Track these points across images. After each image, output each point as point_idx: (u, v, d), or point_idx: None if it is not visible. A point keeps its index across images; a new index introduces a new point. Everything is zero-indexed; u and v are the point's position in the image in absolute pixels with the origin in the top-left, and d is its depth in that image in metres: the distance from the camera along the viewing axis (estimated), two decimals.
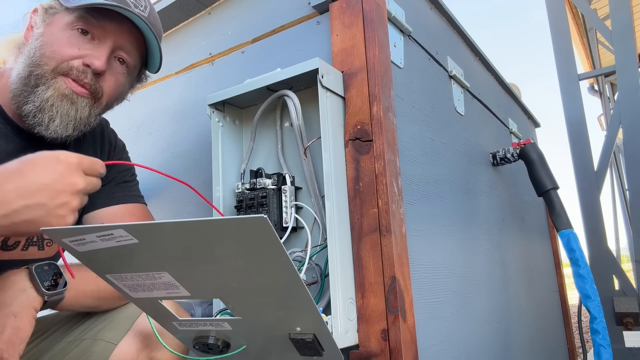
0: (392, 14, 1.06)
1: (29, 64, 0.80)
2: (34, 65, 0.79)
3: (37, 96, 0.78)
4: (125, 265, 0.59)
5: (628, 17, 2.39)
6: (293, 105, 0.93)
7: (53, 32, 0.81)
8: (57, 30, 0.81)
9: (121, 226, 0.52)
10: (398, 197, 0.91)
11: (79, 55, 0.81)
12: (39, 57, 0.79)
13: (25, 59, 0.80)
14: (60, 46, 0.80)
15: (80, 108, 0.81)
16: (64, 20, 0.81)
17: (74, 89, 0.80)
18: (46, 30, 0.81)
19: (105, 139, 1.00)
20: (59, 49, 0.80)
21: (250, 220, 0.49)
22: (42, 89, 0.79)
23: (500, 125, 1.85)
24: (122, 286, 0.63)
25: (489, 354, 1.26)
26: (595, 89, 4.67)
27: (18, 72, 0.80)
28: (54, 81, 0.80)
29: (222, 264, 0.57)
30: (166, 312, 0.70)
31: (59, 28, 0.81)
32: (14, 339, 0.68)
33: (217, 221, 0.51)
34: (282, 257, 0.54)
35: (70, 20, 0.81)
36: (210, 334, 0.73)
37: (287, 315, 0.66)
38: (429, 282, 1.01)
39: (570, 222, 1.46)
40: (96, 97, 0.84)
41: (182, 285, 0.61)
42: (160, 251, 0.56)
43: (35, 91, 0.79)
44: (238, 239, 0.52)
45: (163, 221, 0.51)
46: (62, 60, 0.80)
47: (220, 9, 1.30)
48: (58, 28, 0.81)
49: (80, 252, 0.57)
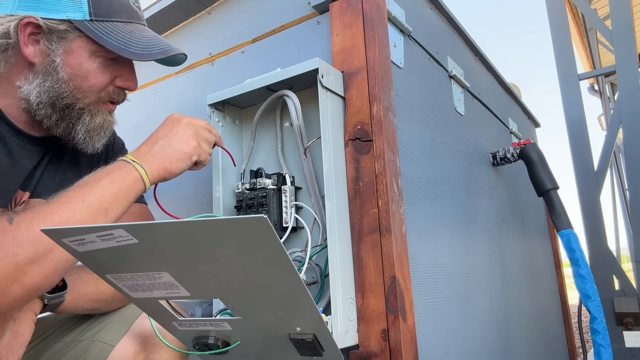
0: (392, 13, 1.06)
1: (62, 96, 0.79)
2: (72, 99, 0.80)
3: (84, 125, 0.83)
4: (125, 265, 0.59)
5: (628, 17, 2.38)
6: (293, 105, 0.93)
7: (81, 63, 0.80)
8: (84, 60, 0.80)
9: (121, 226, 0.52)
10: (398, 197, 0.91)
11: (111, 80, 0.84)
12: (74, 90, 0.80)
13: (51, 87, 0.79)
14: (95, 79, 0.81)
15: (113, 121, 0.89)
16: (87, 49, 0.80)
17: (110, 110, 0.87)
18: (70, 61, 0.79)
19: None
20: (95, 82, 0.81)
21: (251, 220, 0.49)
22: (87, 118, 0.83)
23: (500, 125, 1.85)
24: (122, 286, 0.63)
25: (489, 354, 1.26)
26: (595, 89, 4.68)
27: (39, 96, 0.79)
28: (97, 109, 0.83)
29: (222, 264, 0.57)
30: (166, 312, 0.70)
31: (85, 57, 0.80)
32: (13, 343, 0.68)
33: (217, 221, 0.51)
34: (282, 257, 0.54)
35: (94, 49, 0.80)
36: (210, 334, 0.73)
37: (287, 315, 0.66)
38: (429, 282, 1.01)
39: (570, 222, 1.46)
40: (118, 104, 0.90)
41: (182, 285, 0.61)
42: (160, 251, 0.56)
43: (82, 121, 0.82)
44: (238, 239, 0.52)
45: (163, 221, 0.51)
46: (99, 91, 0.83)
47: (220, 9, 1.30)
48: (84, 57, 0.80)
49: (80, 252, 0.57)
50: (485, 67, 1.75)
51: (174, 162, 0.82)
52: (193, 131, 0.86)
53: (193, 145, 0.84)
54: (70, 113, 0.81)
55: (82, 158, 0.94)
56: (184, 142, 0.84)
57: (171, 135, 0.84)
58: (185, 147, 0.84)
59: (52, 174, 0.87)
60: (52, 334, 0.87)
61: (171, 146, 0.83)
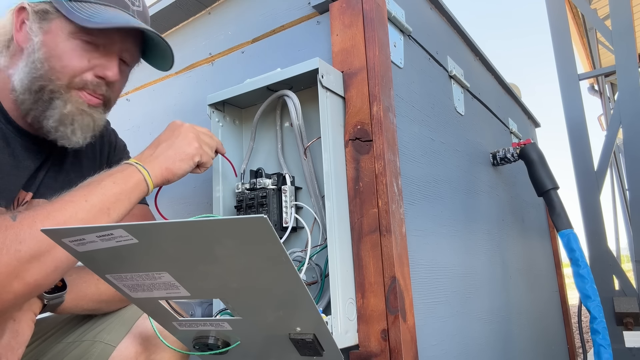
0: (392, 13, 1.06)
1: (36, 77, 0.78)
2: (45, 80, 0.78)
3: (56, 111, 0.79)
4: (125, 265, 0.59)
5: (628, 17, 2.38)
6: (293, 105, 0.93)
7: (57, 42, 0.78)
8: (60, 40, 0.78)
9: (121, 226, 0.52)
10: (398, 197, 0.91)
11: (89, 67, 0.81)
12: (48, 71, 0.78)
13: (29, 69, 0.78)
14: (70, 60, 0.79)
15: (96, 118, 0.84)
16: (66, 29, 0.78)
17: (89, 102, 0.82)
18: (47, 40, 0.78)
19: (105, 140, 1.00)
20: (70, 63, 0.79)
21: (251, 221, 0.49)
22: (59, 103, 0.79)
23: (500, 125, 1.85)
24: (122, 286, 0.63)
25: (489, 354, 1.26)
26: (595, 89, 4.68)
27: (22, 81, 0.78)
28: (69, 96, 0.80)
29: (222, 264, 0.57)
30: (166, 312, 0.70)
31: (63, 38, 0.78)
32: (12, 343, 0.68)
33: (217, 221, 0.51)
34: (283, 257, 0.54)
35: (73, 30, 0.78)
36: (210, 334, 0.73)
37: (287, 316, 0.66)
38: (429, 282, 1.01)
39: (570, 222, 1.46)
40: (108, 104, 0.87)
41: (182, 285, 0.61)
42: (160, 251, 0.56)
43: (53, 106, 0.79)
44: (238, 239, 0.52)
45: (163, 221, 0.51)
46: (74, 74, 0.80)
47: (220, 8, 1.30)
48: (61, 38, 0.78)
49: (80, 252, 0.57)
50: (485, 67, 1.75)
51: (176, 163, 0.82)
52: (194, 134, 0.86)
53: (195, 147, 0.85)
54: (42, 96, 0.79)
55: (84, 160, 0.93)
56: (186, 143, 0.84)
57: (173, 137, 0.84)
58: (187, 148, 0.84)
59: (54, 175, 0.87)
60: (53, 334, 0.87)
61: (173, 148, 0.83)
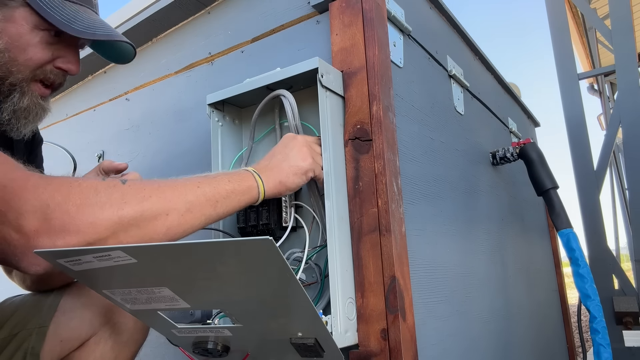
0: (391, 13, 1.06)
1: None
2: (6, 72, 0.76)
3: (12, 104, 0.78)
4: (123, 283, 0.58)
5: (628, 16, 2.38)
6: (289, 104, 0.93)
7: (21, 33, 0.75)
8: (25, 31, 0.75)
9: (119, 248, 0.51)
10: (398, 197, 0.91)
11: (51, 58, 0.80)
12: (8, 62, 0.75)
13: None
14: (35, 53, 0.77)
15: (46, 109, 0.84)
16: (30, 21, 0.76)
17: (42, 93, 0.82)
18: (10, 29, 0.75)
19: None
20: (34, 56, 0.77)
21: (256, 242, 0.48)
22: (16, 96, 0.77)
23: (500, 125, 1.85)
24: (120, 300, 0.62)
25: (488, 353, 1.26)
26: (595, 89, 4.68)
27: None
28: (28, 88, 0.79)
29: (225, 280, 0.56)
30: (165, 321, 0.69)
31: (27, 29, 0.75)
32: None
33: (220, 243, 0.50)
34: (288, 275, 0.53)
35: (37, 22, 0.76)
36: (210, 339, 0.73)
37: (288, 322, 0.66)
38: (428, 282, 1.01)
39: (569, 222, 1.46)
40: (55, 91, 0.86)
41: (182, 298, 0.60)
42: (160, 270, 0.55)
43: (11, 98, 0.77)
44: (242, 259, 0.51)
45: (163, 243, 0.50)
46: (36, 67, 0.78)
47: (219, 8, 1.30)
48: (25, 29, 0.75)
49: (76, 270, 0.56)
50: (484, 66, 1.75)
51: (290, 177, 0.83)
52: (308, 147, 0.87)
53: (309, 162, 0.86)
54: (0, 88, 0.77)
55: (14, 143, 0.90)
56: (301, 157, 0.85)
57: (287, 150, 0.85)
58: (301, 162, 0.85)
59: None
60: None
61: (288, 161, 0.84)
